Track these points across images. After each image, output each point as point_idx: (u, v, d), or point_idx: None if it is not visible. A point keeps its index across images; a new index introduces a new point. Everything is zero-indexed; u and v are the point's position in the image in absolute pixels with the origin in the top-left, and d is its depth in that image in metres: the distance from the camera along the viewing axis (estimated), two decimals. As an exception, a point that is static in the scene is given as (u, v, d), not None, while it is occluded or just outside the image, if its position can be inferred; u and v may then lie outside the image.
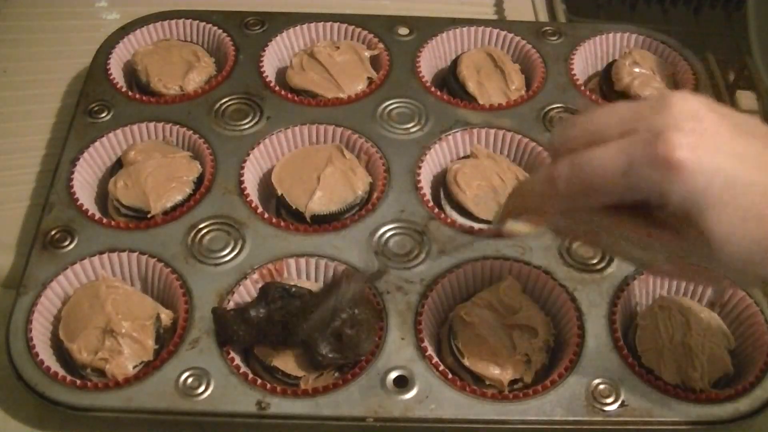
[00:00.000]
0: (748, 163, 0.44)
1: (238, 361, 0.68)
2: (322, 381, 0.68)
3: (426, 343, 0.69)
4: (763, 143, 0.46)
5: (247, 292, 0.72)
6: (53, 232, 0.75)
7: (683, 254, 0.48)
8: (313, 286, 0.72)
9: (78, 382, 0.66)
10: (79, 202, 0.77)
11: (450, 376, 0.67)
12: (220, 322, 0.68)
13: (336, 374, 0.68)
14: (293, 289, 0.69)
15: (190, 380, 0.66)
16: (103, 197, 0.82)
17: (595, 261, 0.75)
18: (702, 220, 0.44)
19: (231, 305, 0.70)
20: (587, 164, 0.46)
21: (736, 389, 0.67)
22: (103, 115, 0.85)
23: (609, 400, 0.66)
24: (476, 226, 0.77)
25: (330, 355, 0.66)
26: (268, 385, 0.66)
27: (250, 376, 0.67)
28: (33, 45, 1.00)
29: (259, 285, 0.71)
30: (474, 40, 0.95)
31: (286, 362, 0.68)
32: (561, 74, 0.91)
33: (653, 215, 0.47)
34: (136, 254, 0.74)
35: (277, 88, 0.89)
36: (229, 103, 0.87)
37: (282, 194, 0.78)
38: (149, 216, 0.77)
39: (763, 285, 0.73)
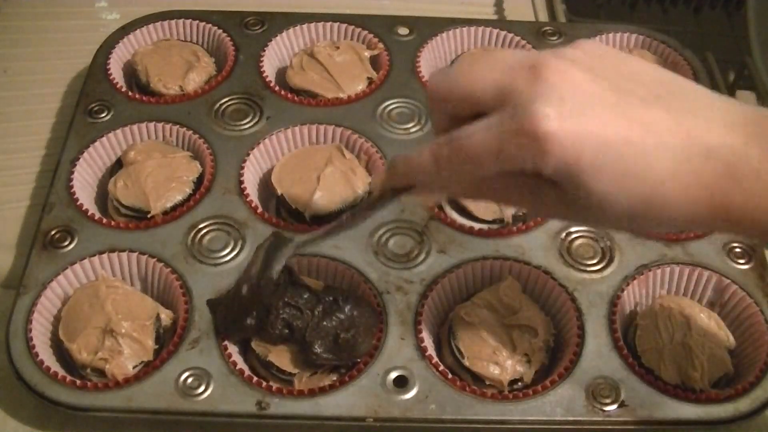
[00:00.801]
0: (622, 121, 0.44)
1: (237, 361, 0.68)
2: (316, 380, 0.68)
3: (426, 343, 0.69)
4: (640, 98, 0.45)
5: None
6: (53, 232, 0.75)
7: (572, 212, 0.48)
8: (315, 285, 0.72)
9: (78, 382, 0.66)
10: (79, 202, 0.77)
11: (450, 376, 0.67)
12: (217, 310, 0.69)
13: (331, 375, 0.68)
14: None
15: (190, 380, 0.66)
16: (103, 197, 0.82)
17: (595, 261, 0.75)
18: (579, 183, 0.45)
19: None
20: (463, 143, 0.47)
21: (736, 389, 0.67)
22: (103, 115, 0.85)
23: (609, 400, 0.66)
24: (476, 226, 0.77)
25: (324, 356, 0.66)
26: (268, 385, 0.66)
27: (247, 373, 0.67)
28: (33, 45, 1.00)
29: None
30: (474, 40, 0.95)
31: (282, 358, 0.68)
32: (561, 74, 0.91)
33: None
34: (136, 254, 0.74)
35: (277, 88, 0.89)
36: (229, 103, 0.87)
37: (282, 194, 0.78)
38: (149, 216, 0.77)
39: (763, 285, 0.73)
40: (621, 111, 0.45)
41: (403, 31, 0.95)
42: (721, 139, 0.44)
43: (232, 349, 0.69)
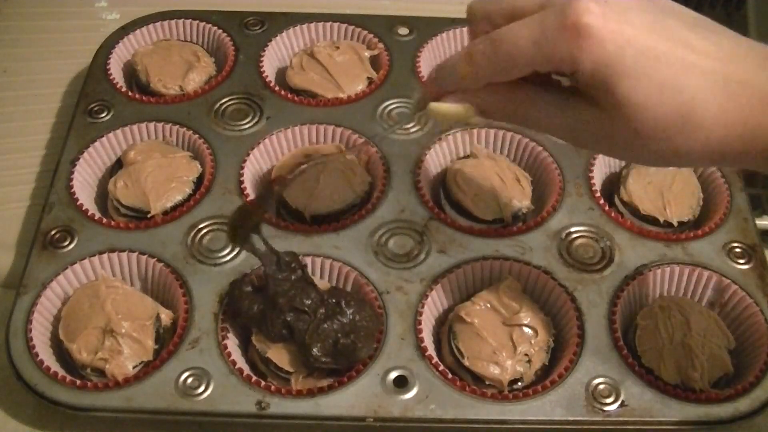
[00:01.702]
0: (664, 35, 0.45)
1: (237, 361, 0.68)
2: (313, 381, 0.68)
3: (426, 343, 0.69)
4: (682, 21, 0.47)
5: None
6: (53, 232, 0.75)
7: (604, 130, 0.48)
8: (322, 286, 0.72)
9: (78, 382, 0.66)
10: (79, 202, 0.77)
11: (450, 376, 0.67)
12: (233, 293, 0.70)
13: (329, 377, 0.68)
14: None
15: (190, 380, 0.66)
16: (103, 197, 0.82)
17: (595, 261, 0.75)
18: (617, 89, 0.45)
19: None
20: (503, 37, 0.47)
21: (736, 389, 0.67)
22: (103, 115, 0.85)
23: (609, 400, 0.66)
24: (476, 226, 0.77)
25: (322, 359, 0.66)
26: (268, 385, 0.66)
27: (247, 373, 0.67)
28: (33, 45, 1.00)
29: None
30: (474, 40, 0.95)
31: (281, 356, 0.68)
32: (561, 74, 0.91)
33: (572, 89, 0.48)
34: (136, 254, 0.74)
35: (277, 88, 0.89)
36: (229, 103, 0.87)
37: (282, 194, 0.78)
38: (149, 216, 0.77)
39: (763, 285, 0.73)
40: (662, 27, 0.45)
41: (403, 31, 0.95)
42: (758, 69, 0.45)
43: (233, 349, 0.69)
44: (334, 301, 0.68)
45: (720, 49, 0.46)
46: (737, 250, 0.76)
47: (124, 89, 0.88)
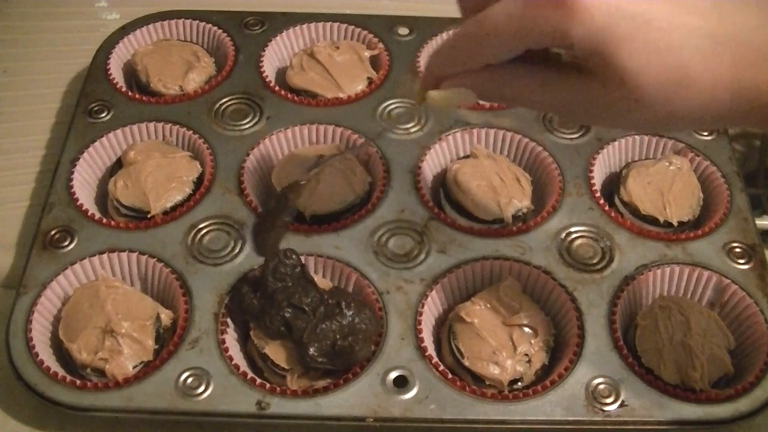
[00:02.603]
0: (653, 3, 0.45)
1: (237, 361, 0.68)
2: (309, 379, 0.68)
3: (426, 343, 0.69)
4: None
5: None
6: (53, 232, 0.75)
7: (598, 99, 0.48)
8: (324, 285, 0.72)
9: (78, 382, 0.66)
10: (79, 202, 0.77)
11: (450, 376, 0.67)
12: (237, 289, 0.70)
13: (325, 377, 0.68)
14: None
15: (190, 380, 0.66)
16: (103, 197, 0.82)
17: (595, 261, 0.75)
18: (613, 58, 0.44)
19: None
20: (489, 15, 0.47)
21: (736, 389, 0.67)
22: (103, 115, 0.85)
23: (609, 400, 0.66)
24: (476, 226, 0.77)
25: (319, 359, 0.66)
26: (268, 385, 0.66)
27: (245, 372, 0.67)
28: (33, 45, 1.00)
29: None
30: (474, 40, 0.95)
31: (278, 353, 0.68)
32: (561, 74, 0.91)
33: (570, 65, 0.48)
34: (136, 254, 0.74)
35: (277, 88, 0.89)
36: (229, 103, 0.87)
37: (282, 194, 0.78)
38: (149, 216, 0.77)
39: (763, 285, 0.73)
40: None
41: (403, 31, 0.95)
42: (748, 24, 0.45)
43: (232, 349, 0.69)
44: (334, 301, 0.68)
45: (711, 5, 0.46)
46: (737, 250, 0.76)
47: (124, 89, 0.88)
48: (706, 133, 0.84)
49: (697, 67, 0.45)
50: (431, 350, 0.69)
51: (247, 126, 0.85)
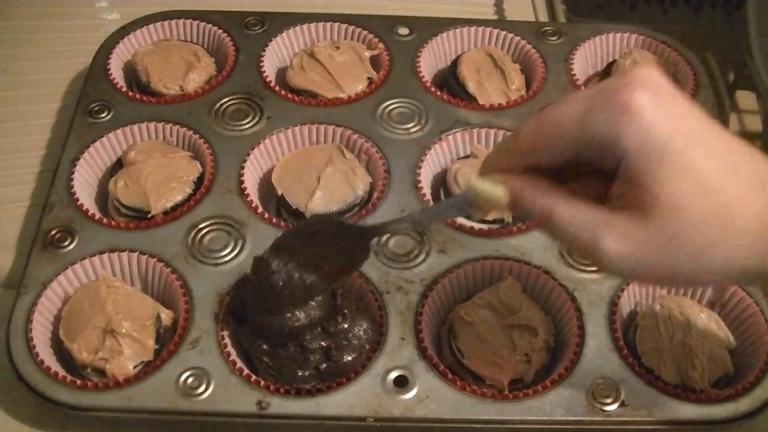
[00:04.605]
0: (708, 127, 0.44)
1: (237, 361, 0.68)
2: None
3: (426, 343, 0.69)
4: (721, 128, 0.45)
5: None
6: (53, 232, 0.75)
7: (635, 235, 0.45)
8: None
9: (78, 382, 0.66)
10: (79, 202, 0.77)
11: (450, 376, 0.67)
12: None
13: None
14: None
15: (190, 380, 0.66)
16: (103, 197, 0.82)
17: (595, 261, 0.75)
18: (657, 181, 0.42)
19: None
20: (550, 112, 0.46)
21: (736, 389, 0.67)
22: (104, 115, 0.85)
23: (609, 400, 0.66)
24: (476, 226, 0.77)
25: (307, 382, 0.67)
26: (269, 385, 0.66)
27: (246, 373, 0.67)
28: (33, 45, 1.00)
29: None
30: (474, 40, 0.95)
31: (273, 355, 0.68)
32: (561, 74, 0.91)
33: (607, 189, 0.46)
34: (136, 254, 0.74)
35: (277, 88, 0.89)
36: (229, 103, 0.87)
37: (282, 194, 0.78)
38: (149, 216, 0.77)
39: (763, 286, 0.73)
40: (709, 122, 0.44)
41: (403, 31, 0.95)
42: None
43: (232, 350, 0.69)
44: (330, 312, 0.68)
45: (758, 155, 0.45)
46: (737, 250, 0.76)
47: (124, 89, 0.88)
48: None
49: (745, 213, 0.43)
50: (431, 350, 0.69)
51: (247, 126, 0.85)
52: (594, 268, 0.74)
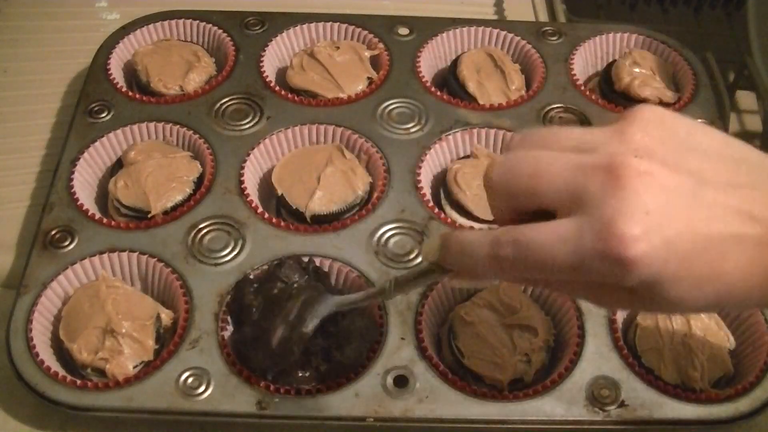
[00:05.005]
0: (703, 213, 0.42)
1: (238, 360, 0.68)
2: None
3: (426, 343, 0.69)
4: (715, 181, 0.43)
5: None
6: (53, 232, 0.75)
7: (642, 308, 0.50)
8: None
9: (78, 382, 0.66)
10: (79, 202, 0.77)
11: (450, 376, 0.67)
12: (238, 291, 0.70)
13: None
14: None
15: (190, 380, 0.66)
16: (103, 197, 0.82)
17: (595, 261, 0.75)
18: (659, 293, 0.43)
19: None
20: (532, 254, 0.43)
21: (736, 389, 0.67)
22: (103, 115, 0.85)
23: (609, 400, 0.66)
24: (476, 226, 0.77)
25: (308, 384, 0.67)
26: (268, 385, 0.66)
27: (246, 373, 0.67)
28: (33, 45, 1.00)
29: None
30: (474, 40, 0.95)
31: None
32: (561, 74, 0.91)
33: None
34: (136, 254, 0.74)
35: (277, 88, 0.89)
36: (229, 103, 0.87)
37: (282, 194, 0.78)
38: (149, 216, 0.77)
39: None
40: (701, 200, 0.42)
41: (403, 31, 0.95)
42: None
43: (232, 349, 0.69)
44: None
45: (763, 210, 0.43)
46: (737, 250, 0.76)
47: (124, 89, 0.88)
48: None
49: (744, 286, 0.43)
50: (431, 350, 0.69)
51: (247, 126, 0.85)
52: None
